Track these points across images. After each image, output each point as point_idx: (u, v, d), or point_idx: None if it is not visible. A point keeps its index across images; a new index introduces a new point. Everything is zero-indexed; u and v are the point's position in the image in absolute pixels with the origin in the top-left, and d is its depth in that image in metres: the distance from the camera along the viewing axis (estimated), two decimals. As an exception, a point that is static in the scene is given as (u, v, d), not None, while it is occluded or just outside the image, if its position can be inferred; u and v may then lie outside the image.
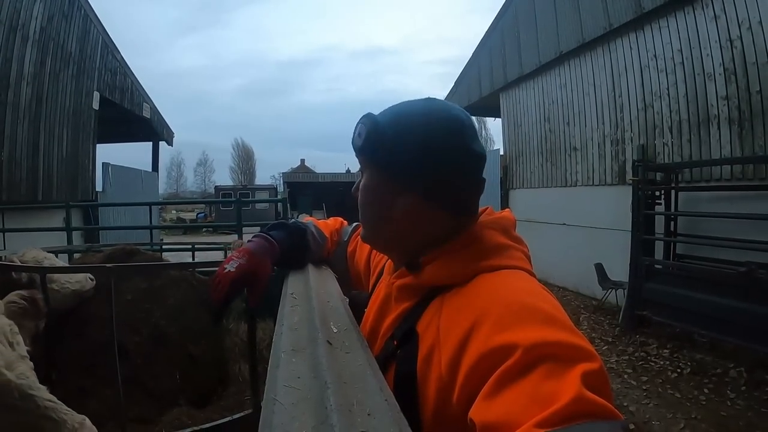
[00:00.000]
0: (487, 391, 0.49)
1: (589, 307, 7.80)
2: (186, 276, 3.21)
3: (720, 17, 5.88)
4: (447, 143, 0.73)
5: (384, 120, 0.76)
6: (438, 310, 0.67)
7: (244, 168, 60.21)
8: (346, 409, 0.47)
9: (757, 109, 5.49)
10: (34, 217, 7.18)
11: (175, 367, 2.79)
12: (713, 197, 6.02)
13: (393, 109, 0.79)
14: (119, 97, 11.12)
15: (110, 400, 2.15)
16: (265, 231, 1.09)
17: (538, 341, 0.49)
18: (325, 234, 1.23)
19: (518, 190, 11.42)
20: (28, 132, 7.80)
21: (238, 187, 33.17)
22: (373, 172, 0.78)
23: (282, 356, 0.61)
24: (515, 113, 11.50)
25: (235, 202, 5.93)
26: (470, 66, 13.52)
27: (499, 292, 0.61)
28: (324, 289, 0.97)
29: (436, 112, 0.75)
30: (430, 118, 0.74)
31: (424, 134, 0.73)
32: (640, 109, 7.37)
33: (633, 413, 4.21)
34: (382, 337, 0.77)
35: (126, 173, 11.42)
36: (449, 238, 0.73)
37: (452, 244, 0.72)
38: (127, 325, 2.62)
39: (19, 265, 2.28)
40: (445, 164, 0.73)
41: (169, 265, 3.31)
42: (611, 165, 8.07)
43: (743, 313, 4.75)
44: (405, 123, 0.74)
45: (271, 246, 1.04)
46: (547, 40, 9.56)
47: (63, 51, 8.75)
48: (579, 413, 0.42)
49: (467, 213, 0.76)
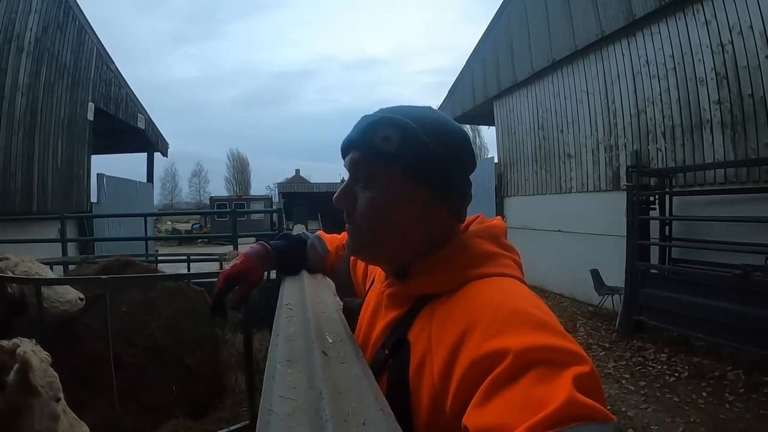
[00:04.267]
0: (480, 398, 0.49)
1: (585, 313, 7.80)
2: (181, 287, 3.20)
3: (711, 22, 5.94)
4: (465, 151, 0.77)
5: (416, 124, 0.73)
6: (429, 318, 0.67)
7: (239, 178, 60.18)
8: (341, 419, 0.47)
9: (749, 113, 5.54)
10: (28, 229, 7.13)
11: (171, 378, 2.77)
12: (707, 201, 6.06)
13: (406, 112, 0.76)
14: (114, 108, 11.12)
15: (106, 412, 2.13)
16: (266, 240, 1.19)
17: (528, 346, 0.49)
18: (329, 248, 1.26)
19: (513, 197, 11.45)
20: (23, 143, 7.78)
21: (233, 197, 33.03)
22: (394, 176, 0.73)
23: (278, 367, 0.61)
24: (509, 121, 11.56)
25: (231, 212, 5.89)
26: (464, 75, 13.61)
27: (489, 298, 0.61)
28: (319, 300, 0.97)
29: (450, 121, 0.78)
30: (450, 125, 0.77)
31: (449, 141, 0.75)
32: (633, 114, 7.42)
33: (632, 418, 4.20)
34: (374, 345, 0.77)
35: (121, 184, 11.41)
36: (442, 245, 0.73)
37: (442, 253, 0.72)
38: (122, 337, 2.61)
39: (12, 276, 2.27)
40: (459, 170, 0.76)
41: (165, 277, 3.29)
42: (605, 171, 8.11)
43: (740, 316, 4.77)
44: (432, 128, 0.74)
45: (267, 253, 1.15)
46: (540, 48, 9.64)
47: (58, 62, 8.75)
48: (571, 416, 0.42)
49: (462, 220, 0.78)
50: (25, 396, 1.37)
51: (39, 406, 1.40)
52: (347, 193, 0.78)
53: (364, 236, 0.77)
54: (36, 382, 1.38)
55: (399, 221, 0.74)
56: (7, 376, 1.37)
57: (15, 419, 1.36)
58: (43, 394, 1.40)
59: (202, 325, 3.15)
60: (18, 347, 1.43)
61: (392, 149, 0.72)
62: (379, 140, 0.73)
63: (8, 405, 1.35)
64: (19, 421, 1.36)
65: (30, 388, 1.36)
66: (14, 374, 1.36)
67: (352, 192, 0.78)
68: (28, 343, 1.49)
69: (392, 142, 0.72)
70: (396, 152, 0.72)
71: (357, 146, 0.76)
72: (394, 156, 0.72)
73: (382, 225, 0.75)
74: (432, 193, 0.73)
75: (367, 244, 0.78)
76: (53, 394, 1.48)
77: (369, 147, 0.74)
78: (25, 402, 1.37)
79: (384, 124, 0.74)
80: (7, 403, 1.35)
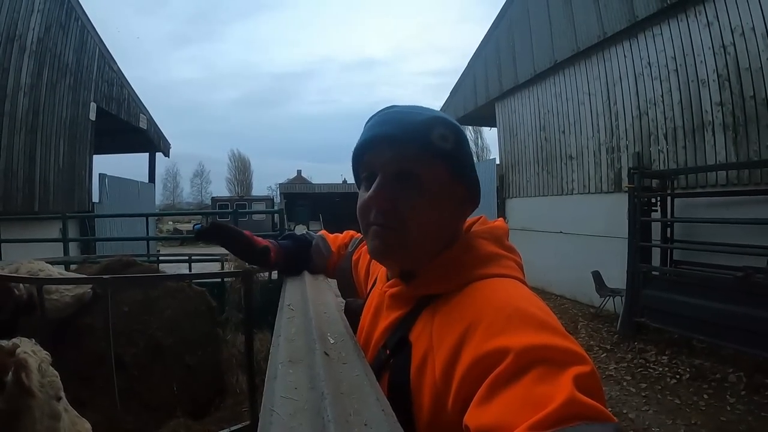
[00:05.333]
0: (481, 397, 0.49)
1: (586, 314, 7.79)
2: (183, 287, 3.21)
3: (713, 24, 5.94)
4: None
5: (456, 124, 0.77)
6: (430, 318, 0.67)
7: (241, 179, 60.17)
8: (343, 420, 0.47)
9: (751, 115, 5.53)
10: (30, 228, 7.15)
11: (172, 378, 2.78)
12: (709, 203, 6.05)
13: (433, 112, 0.77)
14: (116, 108, 11.15)
15: (107, 411, 2.14)
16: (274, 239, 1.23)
17: (529, 345, 0.49)
18: (332, 248, 1.27)
19: (514, 199, 11.44)
20: (25, 143, 7.80)
21: (234, 198, 33.06)
22: (443, 174, 0.73)
23: (279, 367, 0.61)
24: (511, 122, 11.55)
25: (232, 213, 5.89)
26: (466, 76, 13.61)
27: (490, 298, 0.61)
28: (321, 300, 0.97)
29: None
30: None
31: (467, 141, 0.78)
32: (635, 116, 7.41)
33: (633, 420, 4.19)
34: (375, 346, 0.77)
35: (122, 184, 11.43)
36: (448, 246, 0.74)
37: (448, 254, 0.73)
38: (124, 337, 2.61)
39: (16, 276, 2.28)
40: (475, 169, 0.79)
41: (166, 277, 3.30)
42: (607, 173, 8.10)
43: (741, 318, 4.75)
44: (460, 130, 0.78)
45: (274, 246, 1.20)
46: (542, 49, 9.64)
47: (60, 62, 8.77)
48: (572, 415, 0.42)
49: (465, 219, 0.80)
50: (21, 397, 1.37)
51: (39, 405, 1.40)
52: (388, 192, 0.73)
53: (404, 237, 0.72)
54: (31, 383, 1.38)
55: (440, 220, 0.74)
56: (6, 376, 1.37)
57: (15, 419, 1.36)
58: (38, 395, 1.40)
59: (204, 325, 3.16)
60: (18, 347, 1.43)
61: (449, 148, 0.73)
62: (437, 138, 0.72)
63: (8, 405, 1.35)
64: (19, 420, 1.36)
65: (24, 389, 1.36)
66: (13, 375, 1.36)
67: (392, 190, 0.73)
68: (27, 343, 1.49)
69: (449, 141, 0.73)
70: (450, 151, 0.73)
71: (405, 143, 0.72)
72: (448, 155, 0.73)
73: (426, 225, 0.72)
74: (466, 191, 0.76)
75: (404, 246, 0.73)
76: (54, 394, 1.48)
77: (426, 144, 0.72)
78: (23, 402, 1.37)
79: (440, 123, 0.74)
80: (7, 404, 1.35)
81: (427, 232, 0.72)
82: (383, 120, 0.76)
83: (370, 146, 0.76)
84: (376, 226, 0.74)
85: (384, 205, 0.73)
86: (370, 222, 0.75)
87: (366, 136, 0.76)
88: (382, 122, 0.76)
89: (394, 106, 0.79)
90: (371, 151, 0.76)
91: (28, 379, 1.37)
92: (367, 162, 0.77)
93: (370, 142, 0.75)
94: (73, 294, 2.55)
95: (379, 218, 0.73)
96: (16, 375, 1.36)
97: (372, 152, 0.76)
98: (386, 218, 0.73)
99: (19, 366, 1.37)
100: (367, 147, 0.76)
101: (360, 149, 0.78)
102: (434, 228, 0.73)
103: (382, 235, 0.73)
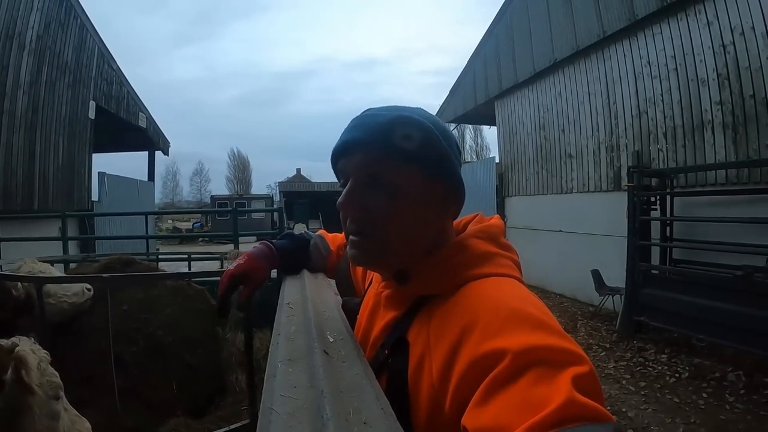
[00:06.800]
0: (479, 398, 0.48)
1: (586, 313, 7.80)
2: (182, 286, 3.21)
3: (713, 23, 5.94)
4: (458, 149, 0.78)
5: (428, 122, 0.73)
6: (427, 319, 0.66)
7: (240, 178, 60.21)
8: (342, 419, 0.47)
9: (750, 114, 5.53)
10: (30, 227, 7.14)
11: (172, 377, 2.78)
12: (708, 202, 6.05)
13: (412, 110, 0.75)
14: (115, 106, 11.13)
15: (107, 410, 2.14)
16: (270, 240, 1.17)
17: (527, 346, 0.49)
18: (331, 247, 1.25)
19: (514, 197, 11.44)
20: (24, 141, 7.80)
21: (234, 196, 33.01)
22: (414, 175, 0.71)
23: (279, 366, 0.61)
24: (510, 121, 11.55)
25: (231, 211, 5.89)
26: (465, 74, 13.61)
27: (487, 298, 0.61)
28: (320, 299, 0.97)
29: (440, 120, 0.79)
30: (444, 123, 0.78)
31: (450, 138, 0.76)
32: (635, 115, 7.41)
33: (632, 419, 4.20)
34: (372, 345, 0.77)
35: (122, 183, 11.42)
36: (440, 246, 0.73)
37: (441, 254, 0.72)
38: (123, 336, 2.61)
39: (15, 275, 2.27)
40: (459, 167, 0.77)
41: (166, 276, 3.30)
42: (606, 171, 8.11)
43: (741, 317, 4.76)
44: (437, 126, 0.74)
45: (270, 252, 1.13)
46: (542, 48, 9.64)
47: (59, 60, 8.76)
48: (570, 416, 0.42)
49: (456, 217, 0.80)
50: (20, 394, 1.37)
51: (38, 404, 1.40)
52: (357, 199, 0.72)
53: (381, 244, 0.71)
54: (31, 380, 1.38)
55: (420, 222, 0.72)
56: (5, 375, 1.37)
57: (15, 417, 1.36)
58: (38, 393, 1.40)
59: (203, 323, 3.16)
60: (16, 346, 1.43)
61: (414, 147, 0.70)
62: (399, 139, 0.70)
63: (8, 403, 1.35)
64: (19, 419, 1.36)
65: (24, 386, 1.36)
66: (12, 372, 1.36)
67: (362, 196, 0.72)
68: (26, 342, 1.49)
69: (414, 140, 0.70)
70: (417, 150, 0.70)
71: (370, 146, 0.71)
72: (415, 154, 0.70)
73: (404, 228, 0.71)
74: (445, 189, 0.74)
75: (383, 252, 0.72)
76: (53, 393, 1.48)
77: (388, 146, 0.70)
78: (23, 400, 1.37)
79: (402, 123, 0.71)
80: (7, 402, 1.35)
81: (405, 235, 0.71)
82: (355, 124, 0.75)
83: (342, 152, 0.75)
84: (351, 235, 0.74)
85: (355, 212, 0.72)
86: (347, 231, 0.75)
87: (338, 141, 0.76)
88: (353, 127, 0.75)
89: (370, 109, 0.78)
90: (344, 156, 0.75)
91: (28, 376, 1.37)
92: (341, 168, 0.76)
93: (342, 148, 0.75)
94: (71, 302, 2.54)
95: (353, 227, 0.73)
96: (15, 372, 1.36)
97: (344, 158, 0.75)
98: (359, 225, 0.72)
99: (19, 363, 1.37)
100: (339, 153, 0.76)
101: (334, 156, 0.78)
102: (413, 230, 0.72)
103: (358, 243, 0.73)
